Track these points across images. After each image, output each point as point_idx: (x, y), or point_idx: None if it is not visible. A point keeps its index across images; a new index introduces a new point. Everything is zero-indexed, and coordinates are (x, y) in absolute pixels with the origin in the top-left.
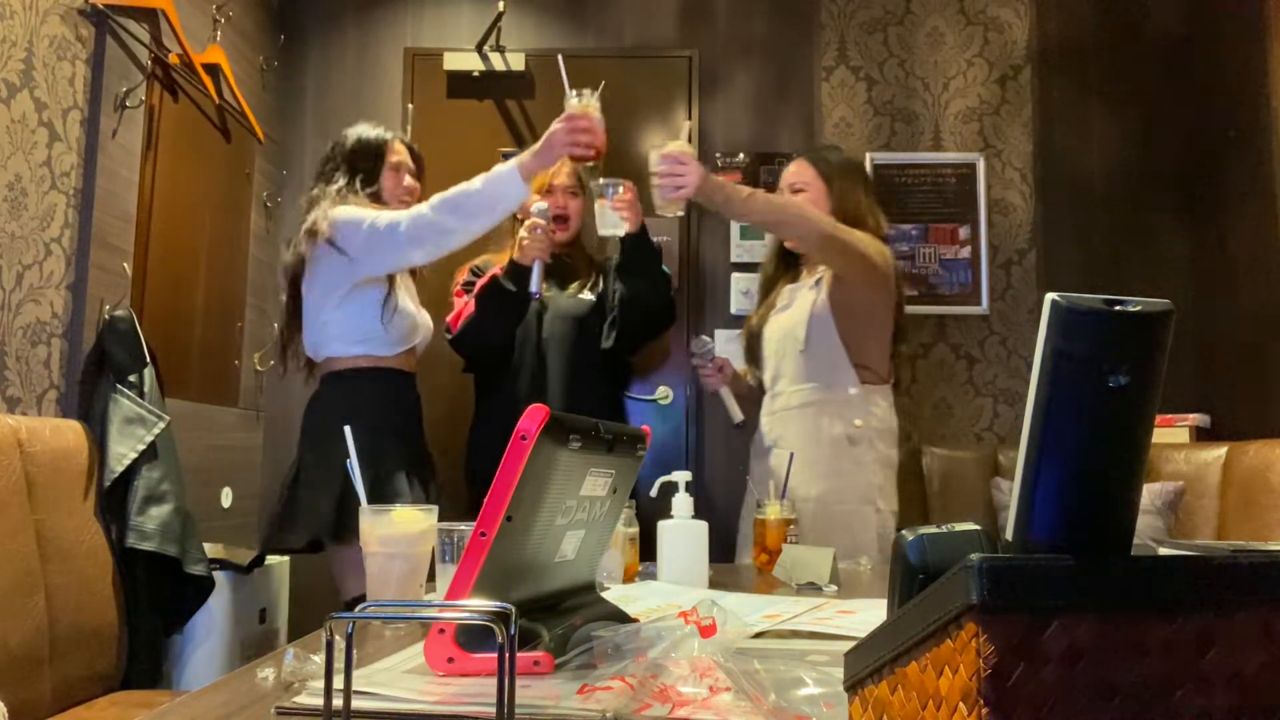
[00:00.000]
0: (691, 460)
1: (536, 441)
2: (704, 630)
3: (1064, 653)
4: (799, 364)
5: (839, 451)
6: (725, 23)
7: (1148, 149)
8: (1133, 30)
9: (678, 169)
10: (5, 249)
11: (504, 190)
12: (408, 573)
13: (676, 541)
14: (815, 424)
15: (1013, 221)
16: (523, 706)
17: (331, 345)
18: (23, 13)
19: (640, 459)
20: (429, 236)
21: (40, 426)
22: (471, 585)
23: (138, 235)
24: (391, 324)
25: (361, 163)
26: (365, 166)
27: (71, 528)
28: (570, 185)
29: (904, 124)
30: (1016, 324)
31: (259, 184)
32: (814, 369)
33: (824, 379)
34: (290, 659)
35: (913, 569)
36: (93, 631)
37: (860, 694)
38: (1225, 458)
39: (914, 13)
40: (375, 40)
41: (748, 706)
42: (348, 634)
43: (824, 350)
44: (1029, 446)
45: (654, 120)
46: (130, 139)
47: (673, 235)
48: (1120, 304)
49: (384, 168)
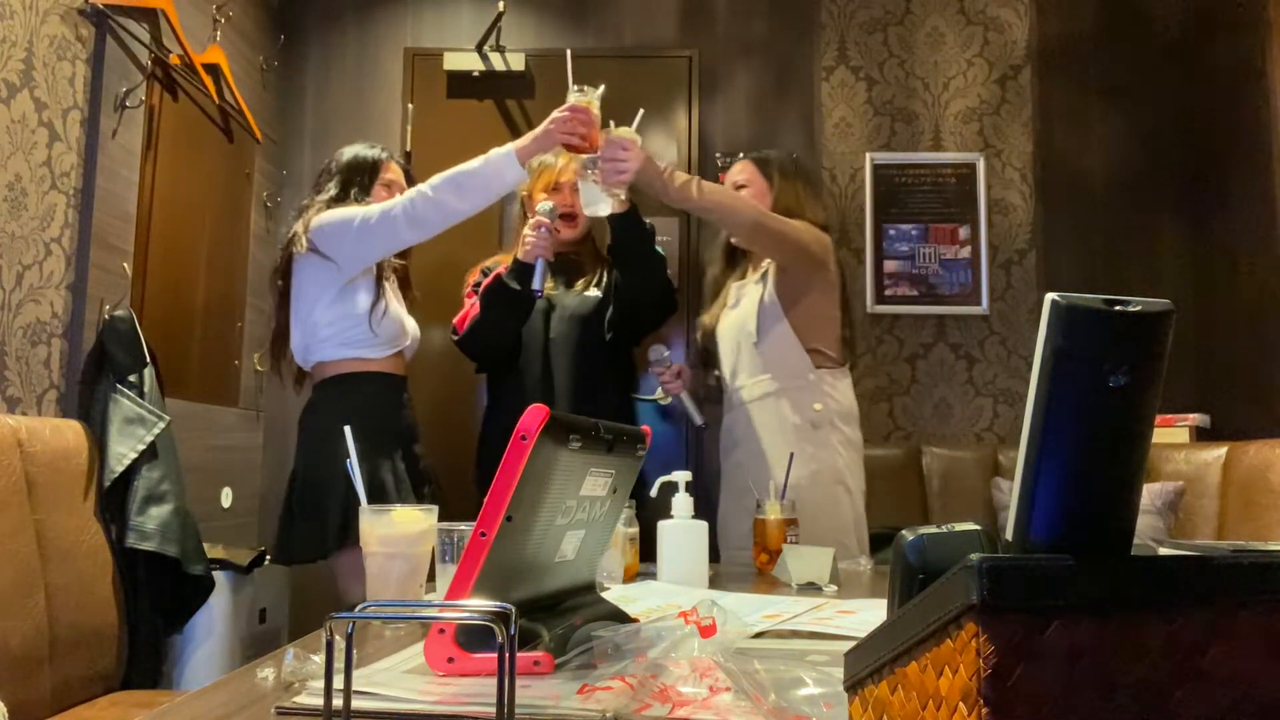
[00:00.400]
0: (691, 460)
1: (536, 441)
2: (704, 630)
3: (1064, 653)
4: (753, 357)
5: (802, 436)
6: (725, 23)
7: (1147, 149)
8: (1133, 30)
9: (619, 154)
10: (5, 249)
11: (500, 171)
12: (408, 573)
13: (676, 541)
14: (776, 413)
15: (1013, 221)
16: (523, 706)
17: (321, 348)
18: (23, 13)
19: (640, 459)
20: (427, 214)
21: (40, 426)
22: (471, 585)
23: (138, 235)
24: (381, 325)
25: (355, 176)
26: (359, 180)
27: (71, 528)
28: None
29: (904, 124)
30: (1016, 324)
31: (259, 184)
32: (768, 359)
33: (779, 368)
34: (290, 659)
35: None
36: (93, 631)
37: (860, 694)
38: (1225, 458)
39: (914, 13)
40: (375, 40)
41: (748, 706)
42: (348, 634)
43: (776, 340)
44: (1029, 446)
45: (654, 120)
46: (130, 139)
47: (673, 235)
48: (1120, 304)
49: (376, 184)
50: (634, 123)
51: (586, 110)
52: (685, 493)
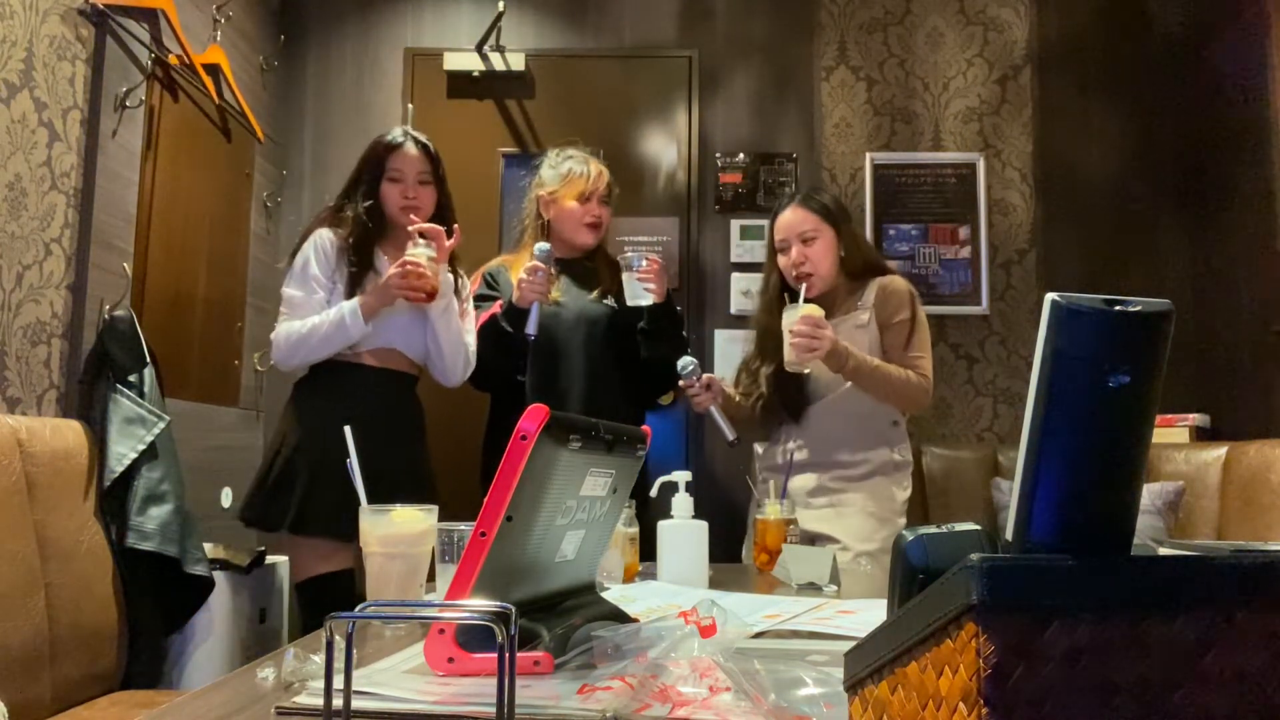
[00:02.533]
0: (691, 460)
1: (536, 441)
2: (704, 630)
3: (1064, 653)
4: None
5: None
6: (725, 23)
7: (1148, 149)
8: (1133, 30)
9: (817, 333)
10: (5, 249)
11: (344, 330)
12: (408, 573)
13: (676, 541)
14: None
15: (1013, 221)
16: (523, 706)
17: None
18: (23, 13)
19: (640, 459)
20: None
21: (40, 426)
22: (471, 585)
23: (138, 235)
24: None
25: (365, 172)
26: (366, 177)
27: (71, 528)
28: (604, 195)
29: (904, 124)
30: (1016, 324)
31: (259, 184)
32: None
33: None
34: (290, 659)
35: (913, 569)
36: (93, 631)
37: (860, 694)
38: (1225, 458)
39: (914, 13)
40: (375, 40)
41: (748, 706)
42: (348, 634)
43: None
44: (1029, 446)
45: (654, 120)
46: (130, 139)
47: (672, 236)
48: (1120, 304)
49: (384, 180)
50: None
51: (417, 265)
52: (685, 493)
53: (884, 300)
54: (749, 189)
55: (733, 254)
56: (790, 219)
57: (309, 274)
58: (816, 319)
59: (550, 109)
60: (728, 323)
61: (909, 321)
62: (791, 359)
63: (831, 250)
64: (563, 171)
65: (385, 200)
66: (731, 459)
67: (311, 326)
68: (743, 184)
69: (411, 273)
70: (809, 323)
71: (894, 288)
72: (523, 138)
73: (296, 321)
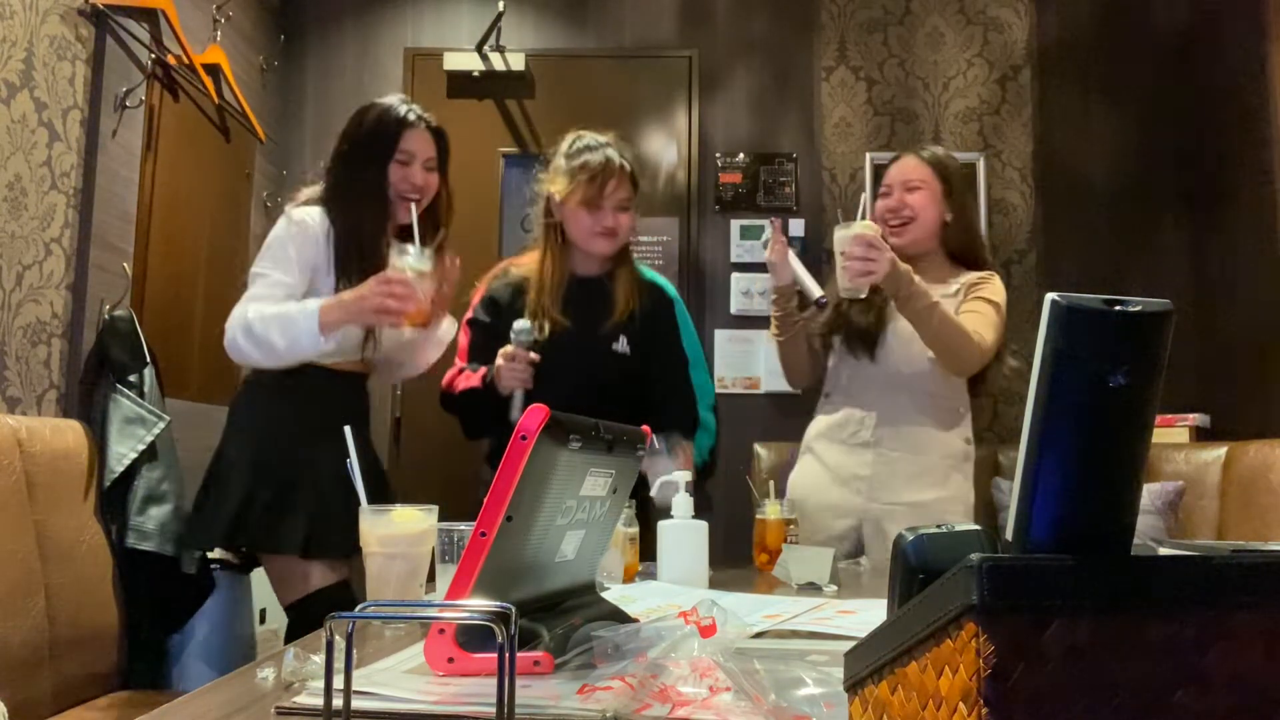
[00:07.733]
0: None
1: (536, 441)
2: (704, 630)
3: (1064, 653)
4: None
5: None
6: (725, 23)
7: (1148, 149)
8: (1133, 30)
9: (871, 253)
10: (5, 249)
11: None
12: (408, 573)
13: (676, 541)
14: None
15: (1013, 221)
16: (523, 706)
17: None
18: (23, 13)
19: (640, 459)
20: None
21: (40, 426)
22: (471, 585)
23: (138, 235)
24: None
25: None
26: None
27: (71, 528)
28: (623, 200)
29: (904, 124)
30: (1016, 324)
31: (259, 184)
32: (941, 378)
33: (947, 388)
34: (290, 659)
35: (913, 569)
36: (93, 631)
37: (860, 694)
38: (1225, 458)
39: (914, 13)
40: (375, 40)
41: (748, 706)
42: (348, 634)
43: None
44: (1029, 446)
45: (654, 120)
46: (130, 139)
47: (672, 236)
48: (1120, 304)
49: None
50: (861, 210)
51: (402, 279)
52: (685, 493)
53: (977, 282)
54: (749, 189)
55: (733, 254)
56: (900, 166)
57: (287, 255)
58: (871, 238)
59: (550, 109)
60: (728, 323)
61: (991, 300)
62: (845, 284)
63: (935, 204)
64: (575, 166)
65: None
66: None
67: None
68: (743, 184)
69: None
70: (862, 242)
71: (992, 278)
72: (523, 138)
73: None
